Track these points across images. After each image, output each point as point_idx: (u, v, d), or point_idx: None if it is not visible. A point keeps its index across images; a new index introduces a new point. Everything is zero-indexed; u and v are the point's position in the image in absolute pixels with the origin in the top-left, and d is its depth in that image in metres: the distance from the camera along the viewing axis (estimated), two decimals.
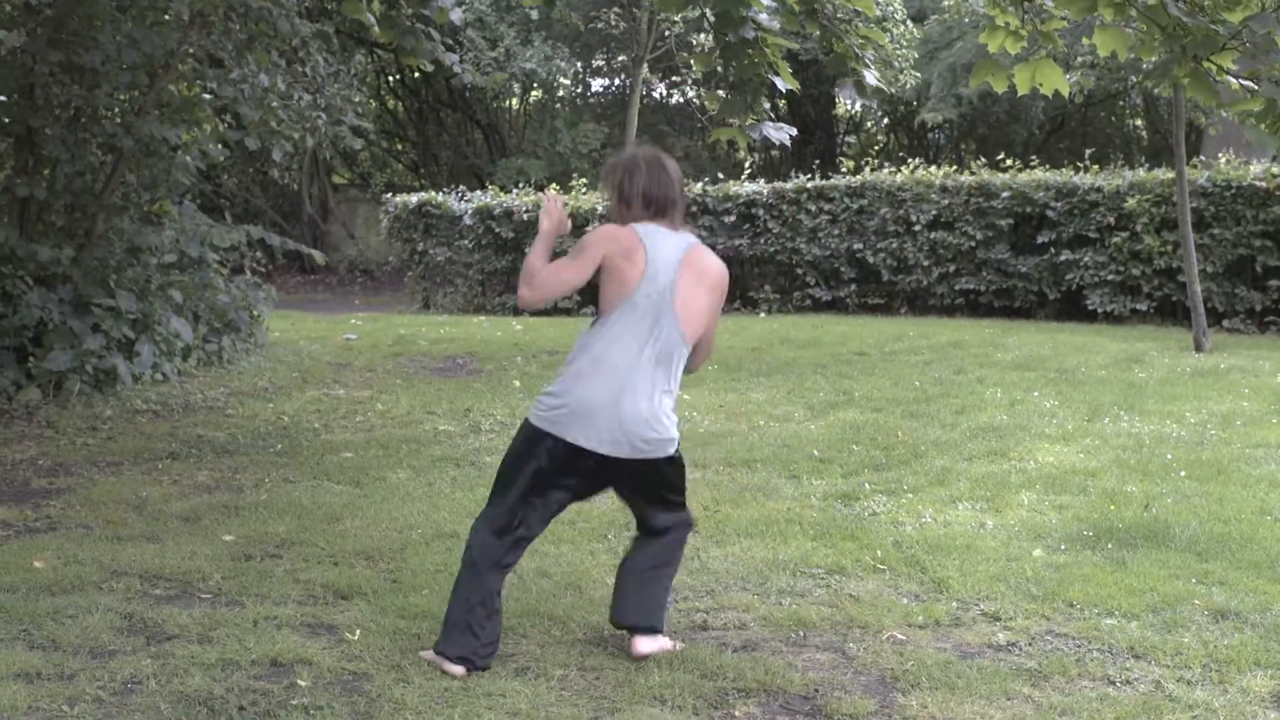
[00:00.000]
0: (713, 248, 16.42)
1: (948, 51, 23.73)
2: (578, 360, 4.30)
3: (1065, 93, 6.25)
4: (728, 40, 7.15)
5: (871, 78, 7.39)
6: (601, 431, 4.20)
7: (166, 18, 9.59)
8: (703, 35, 19.74)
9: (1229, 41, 5.49)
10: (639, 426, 4.22)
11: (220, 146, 10.81)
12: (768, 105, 7.93)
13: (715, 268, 4.45)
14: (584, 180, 20.44)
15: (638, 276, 4.26)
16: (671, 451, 4.35)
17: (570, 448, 4.22)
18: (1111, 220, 15.36)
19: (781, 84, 7.28)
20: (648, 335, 4.26)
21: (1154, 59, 6.21)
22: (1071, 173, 16.44)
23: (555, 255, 4.42)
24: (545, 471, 4.27)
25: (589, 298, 18.60)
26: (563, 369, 4.34)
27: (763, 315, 17.21)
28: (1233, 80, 5.83)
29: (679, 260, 4.33)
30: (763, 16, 7.13)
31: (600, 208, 17.97)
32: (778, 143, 7.22)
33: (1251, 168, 14.83)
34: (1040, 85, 6.10)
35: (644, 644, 4.33)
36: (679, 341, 4.32)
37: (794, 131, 7.48)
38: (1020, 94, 6.29)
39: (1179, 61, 5.69)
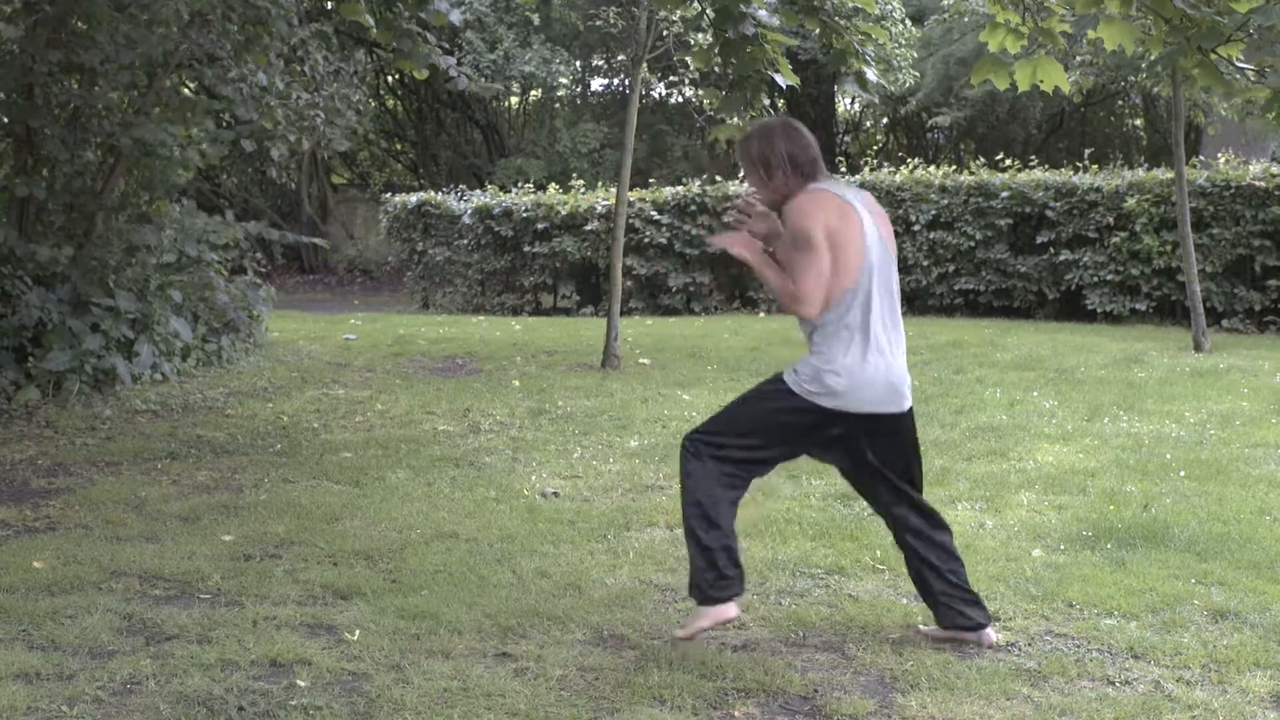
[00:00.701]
0: (712, 247, 16.33)
1: (947, 50, 23.74)
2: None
3: (1066, 90, 6.25)
4: (727, 36, 7.15)
5: (872, 74, 7.39)
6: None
7: (164, 23, 9.58)
8: (701, 34, 19.73)
9: (1235, 33, 5.49)
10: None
11: (219, 145, 10.80)
12: (767, 103, 7.92)
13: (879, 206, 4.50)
14: (582, 181, 20.45)
15: (861, 241, 4.27)
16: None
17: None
18: (1111, 220, 15.36)
19: (782, 80, 7.27)
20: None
21: (1158, 53, 6.20)
22: (1071, 173, 16.46)
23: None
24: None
25: (588, 298, 18.64)
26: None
27: (762, 315, 17.21)
28: (1237, 70, 5.83)
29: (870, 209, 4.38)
30: (762, 13, 7.12)
31: (599, 206, 17.97)
32: None
33: (1250, 167, 14.84)
34: (1041, 83, 6.10)
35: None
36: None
37: None
38: (1020, 91, 6.28)
39: (1185, 53, 5.69)
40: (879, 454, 4.48)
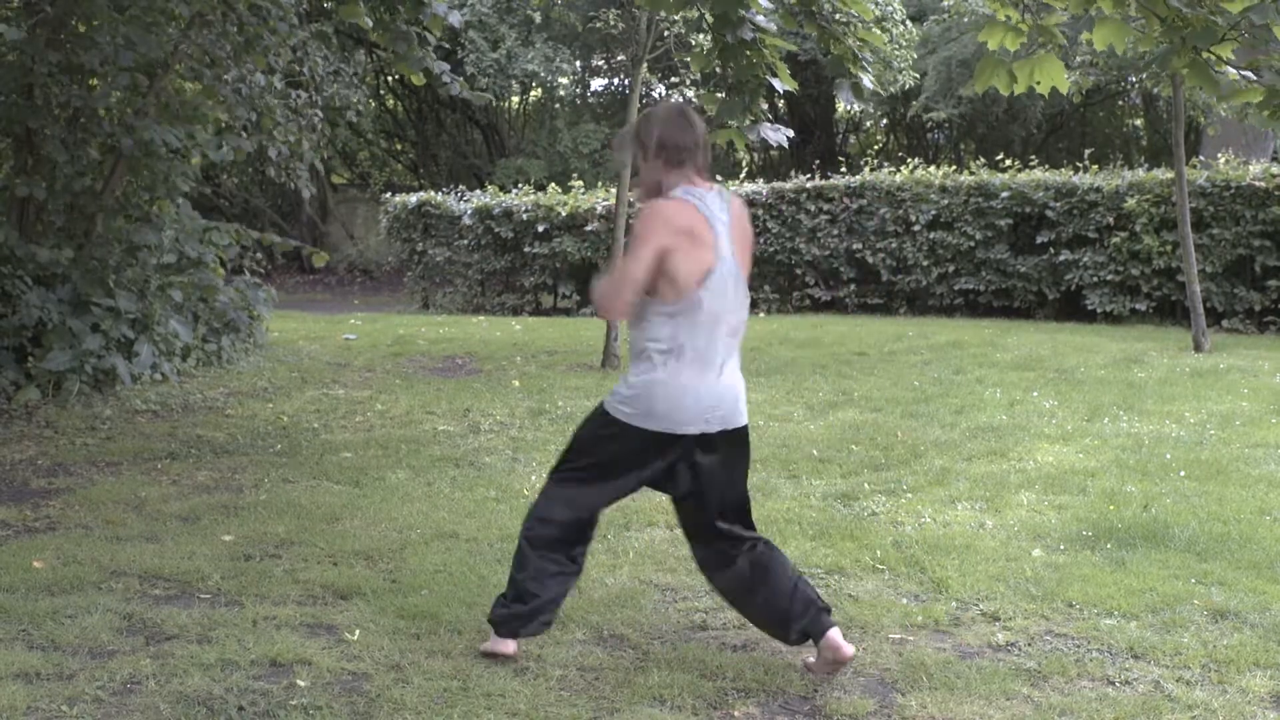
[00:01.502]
0: None
1: (946, 49, 23.74)
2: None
3: (1064, 89, 6.24)
4: (726, 41, 7.15)
5: (868, 81, 7.39)
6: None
7: (164, 24, 9.58)
8: (701, 36, 19.72)
9: (1228, 32, 5.49)
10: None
11: (222, 148, 10.80)
12: (766, 106, 7.92)
13: (748, 224, 4.37)
14: (582, 181, 20.45)
15: (711, 257, 4.13)
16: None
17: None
18: (1111, 220, 15.36)
19: (780, 85, 7.27)
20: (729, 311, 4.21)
21: (1152, 50, 6.20)
22: (1071, 173, 16.45)
23: None
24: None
25: (589, 299, 18.63)
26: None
27: (762, 315, 17.21)
28: (1232, 71, 5.83)
29: (728, 222, 4.23)
30: (760, 18, 7.12)
31: (599, 206, 17.97)
32: (775, 144, 7.21)
33: (1251, 168, 14.84)
34: (1039, 83, 6.10)
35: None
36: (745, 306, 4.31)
37: (791, 133, 7.47)
38: (1019, 91, 6.28)
39: (1178, 52, 5.69)
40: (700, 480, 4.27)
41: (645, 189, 4.29)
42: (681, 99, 26.79)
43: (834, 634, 4.15)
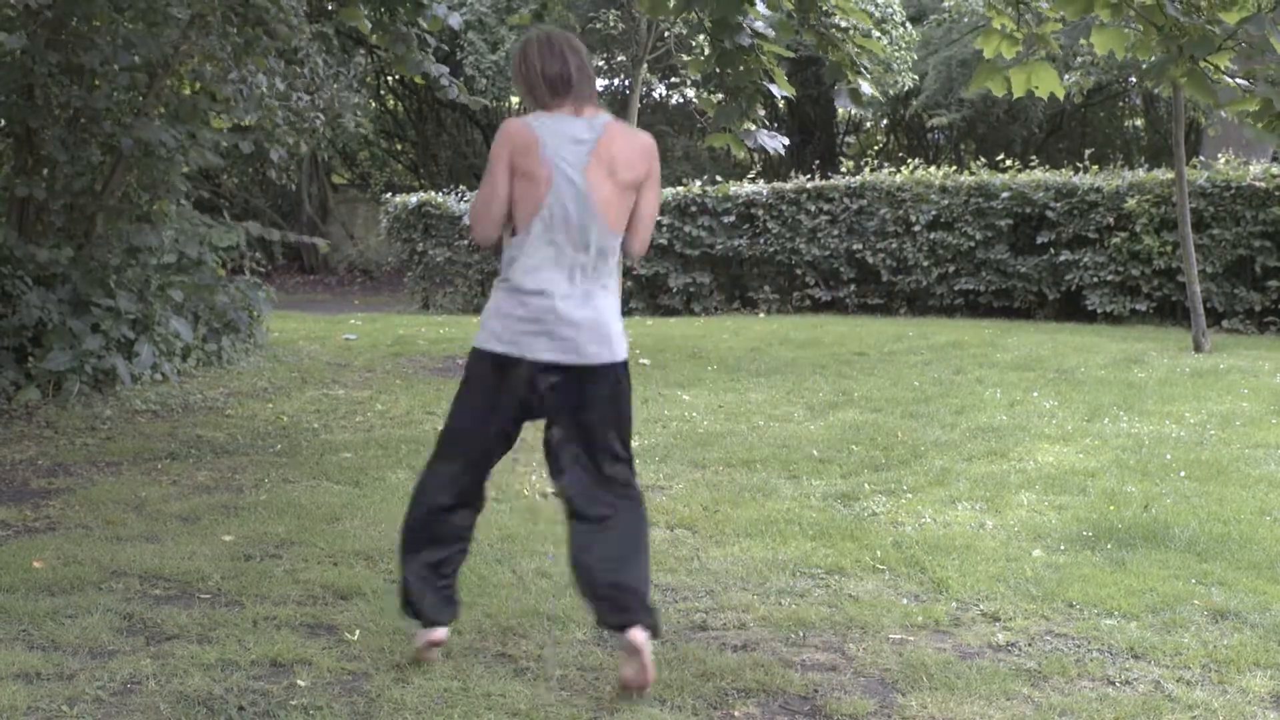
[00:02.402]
0: (711, 248, 16.32)
1: (947, 50, 23.76)
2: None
3: (1060, 95, 6.27)
4: (724, 47, 7.15)
5: (867, 87, 7.40)
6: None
7: (164, 25, 9.58)
8: (702, 38, 19.75)
9: (1225, 42, 5.51)
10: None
11: (220, 149, 10.81)
12: (764, 110, 7.93)
13: (632, 151, 4.12)
14: None
15: (545, 178, 3.98)
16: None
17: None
18: (1111, 221, 15.37)
19: (777, 91, 7.29)
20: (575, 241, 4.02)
21: (1151, 58, 6.22)
22: (1071, 173, 16.46)
23: None
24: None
25: None
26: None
27: (762, 315, 17.21)
28: (1229, 80, 5.84)
29: (589, 152, 4.03)
30: (759, 24, 7.13)
31: None
32: (771, 151, 7.23)
33: (1251, 168, 14.84)
34: (1035, 88, 6.12)
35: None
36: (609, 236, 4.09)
37: (786, 141, 7.49)
38: (1016, 96, 6.31)
39: (1175, 61, 5.70)
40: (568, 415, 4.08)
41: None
42: (682, 99, 26.83)
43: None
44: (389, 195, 21.97)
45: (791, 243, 17.57)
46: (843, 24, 7.56)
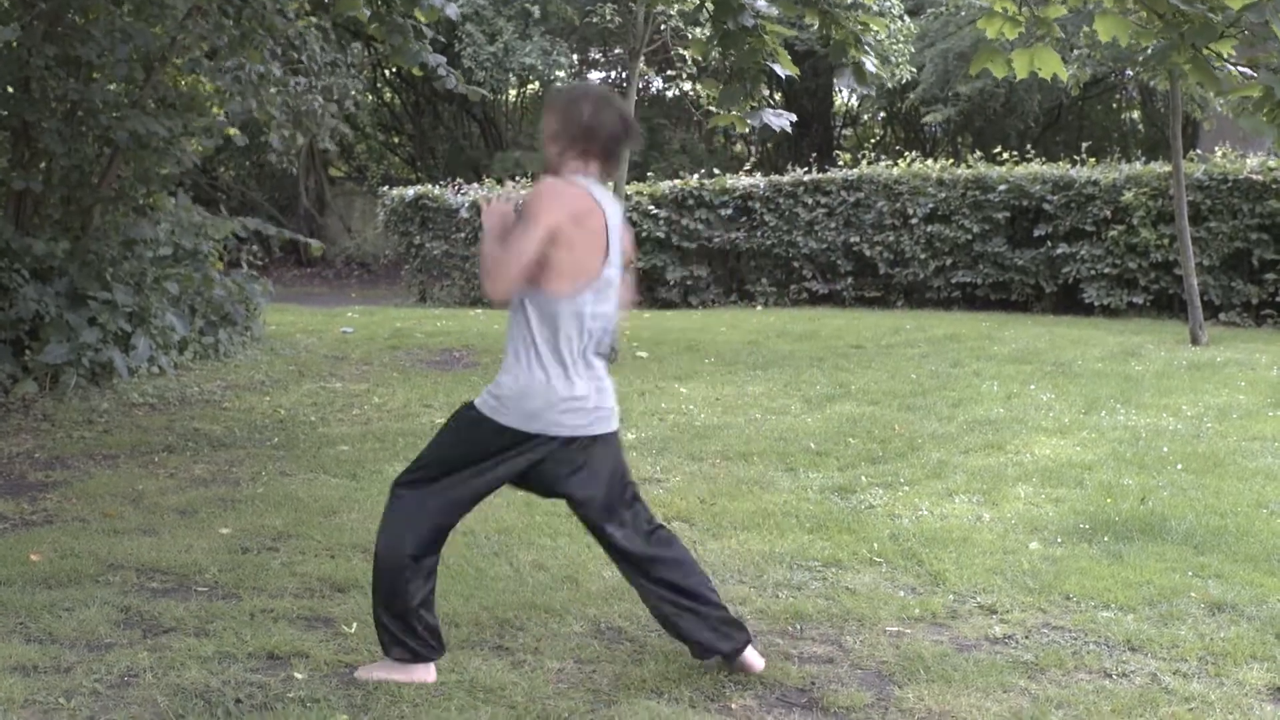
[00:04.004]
0: (709, 241, 16.31)
1: (944, 42, 23.75)
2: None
3: (1064, 76, 6.27)
4: (727, 28, 7.15)
5: (870, 64, 7.39)
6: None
7: (162, 15, 9.57)
8: (699, 29, 19.71)
9: (1227, 29, 5.50)
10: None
11: (214, 135, 10.79)
12: (766, 94, 7.92)
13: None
14: None
15: (601, 250, 3.88)
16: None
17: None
18: (1108, 213, 15.36)
19: (781, 70, 7.27)
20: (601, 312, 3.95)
21: (1153, 46, 6.22)
22: (1068, 166, 16.45)
23: None
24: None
25: None
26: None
27: (759, 308, 17.21)
28: (1231, 67, 5.84)
29: (620, 225, 3.99)
30: (761, 3, 7.12)
31: None
32: (777, 129, 7.21)
33: (1248, 161, 14.84)
34: (1039, 70, 6.12)
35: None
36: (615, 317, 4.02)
37: (793, 118, 7.46)
38: (1019, 78, 6.30)
39: (1178, 48, 5.70)
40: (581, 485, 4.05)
41: (551, 165, 4.01)
42: (679, 92, 26.82)
43: None
44: (386, 188, 21.95)
45: (789, 236, 17.56)
46: (844, 4, 7.55)
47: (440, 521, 4.01)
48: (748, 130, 7.49)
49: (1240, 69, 5.87)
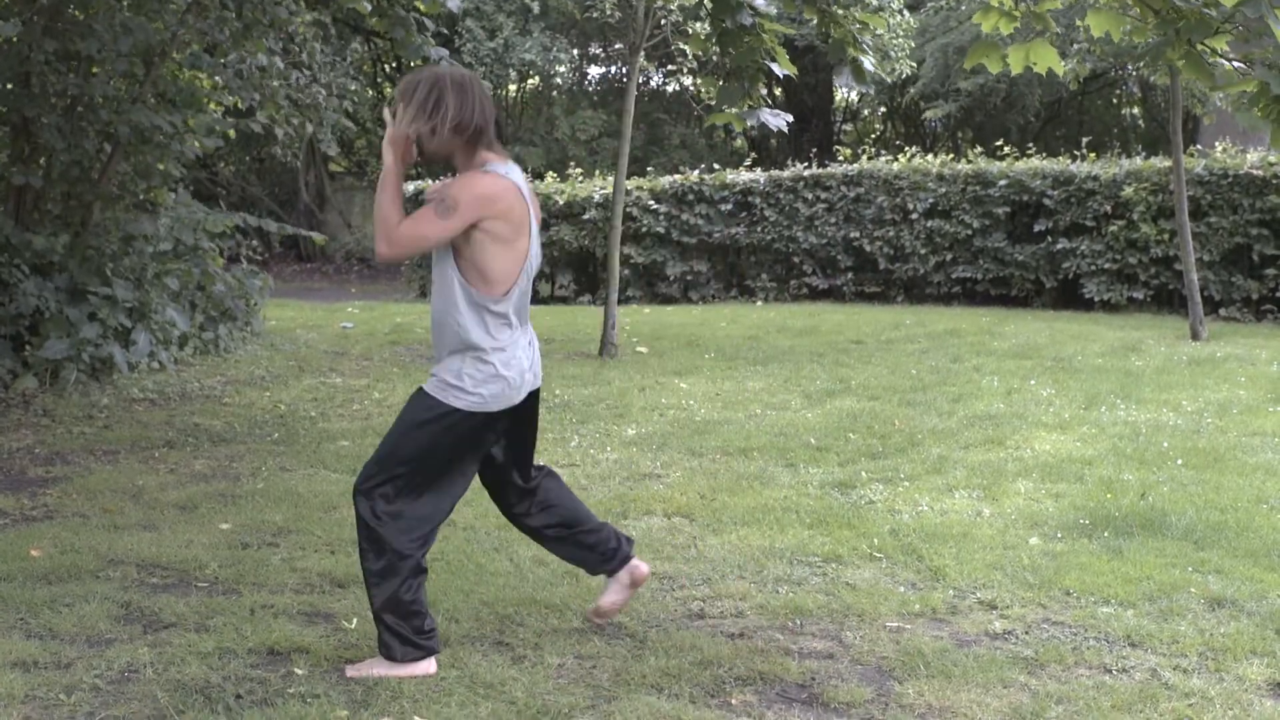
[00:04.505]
0: (709, 236, 16.32)
1: (944, 37, 23.74)
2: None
3: (1060, 71, 6.26)
4: (725, 26, 7.13)
5: (869, 63, 7.37)
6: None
7: (168, 5, 9.56)
8: (699, 24, 19.69)
9: (1222, 25, 5.50)
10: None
11: (216, 133, 10.78)
12: (764, 92, 7.90)
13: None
14: (580, 169, 20.42)
15: (526, 244, 4.06)
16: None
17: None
18: (1108, 209, 15.35)
19: (779, 69, 7.26)
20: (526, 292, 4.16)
21: (1147, 42, 6.21)
22: (1068, 161, 16.44)
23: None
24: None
25: (586, 287, 18.64)
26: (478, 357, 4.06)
27: (759, 304, 17.21)
28: (1225, 62, 5.83)
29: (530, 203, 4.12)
30: (760, 2, 7.11)
31: (597, 194, 17.95)
32: (774, 129, 7.19)
33: (1248, 156, 14.83)
34: (1035, 64, 6.11)
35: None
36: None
37: (790, 118, 7.44)
38: (1014, 73, 6.31)
39: (1172, 44, 5.69)
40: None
41: (433, 158, 4.12)
42: (679, 87, 26.81)
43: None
44: None
45: (789, 231, 17.55)
46: (843, 2, 7.52)
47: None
48: (745, 129, 7.47)
49: (1236, 64, 5.86)
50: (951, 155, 18.42)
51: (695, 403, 9.08)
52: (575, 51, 27.58)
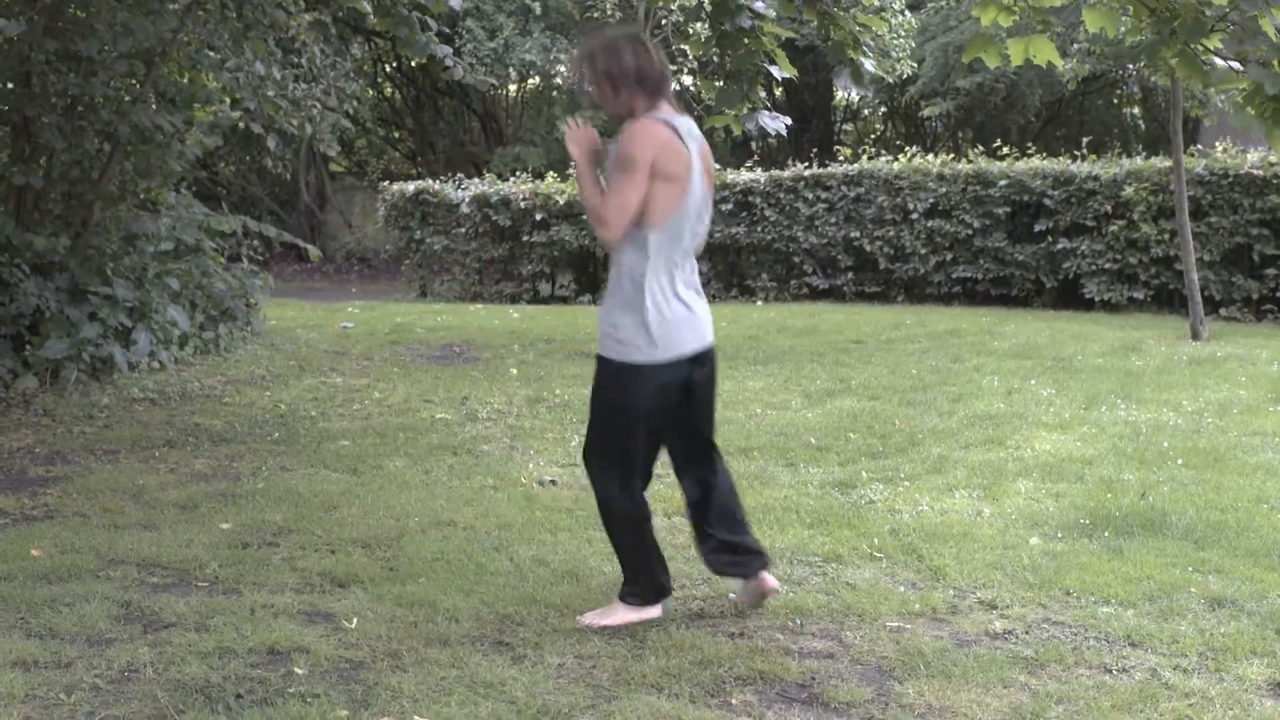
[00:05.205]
0: (710, 236, 16.40)
1: (944, 36, 23.74)
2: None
3: (1059, 65, 6.27)
4: (724, 29, 7.14)
5: (869, 65, 7.38)
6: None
7: (168, 5, 9.56)
8: (700, 24, 19.68)
9: (1216, 24, 5.51)
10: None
11: (215, 134, 10.79)
12: (763, 94, 7.91)
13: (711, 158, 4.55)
14: None
15: (686, 179, 4.31)
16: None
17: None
18: (1109, 208, 15.35)
19: (778, 72, 7.27)
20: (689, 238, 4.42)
21: (1142, 41, 6.23)
22: (1069, 161, 16.44)
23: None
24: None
25: (586, 287, 18.64)
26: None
27: (760, 303, 17.21)
28: (1220, 61, 5.84)
29: (699, 151, 4.40)
30: (759, 5, 7.12)
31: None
32: (773, 132, 7.21)
33: (1249, 156, 14.83)
34: (1034, 58, 6.13)
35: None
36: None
37: (789, 121, 7.45)
38: (1014, 68, 6.34)
39: (1167, 43, 5.71)
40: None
41: (621, 115, 4.42)
42: (679, 87, 26.78)
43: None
44: (386, 183, 21.94)
45: (789, 231, 17.56)
46: (844, 4, 7.54)
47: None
48: (745, 131, 7.48)
49: (1230, 64, 5.87)
50: (952, 155, 18.41)
51: None
52: (575, 52, 27.57)
